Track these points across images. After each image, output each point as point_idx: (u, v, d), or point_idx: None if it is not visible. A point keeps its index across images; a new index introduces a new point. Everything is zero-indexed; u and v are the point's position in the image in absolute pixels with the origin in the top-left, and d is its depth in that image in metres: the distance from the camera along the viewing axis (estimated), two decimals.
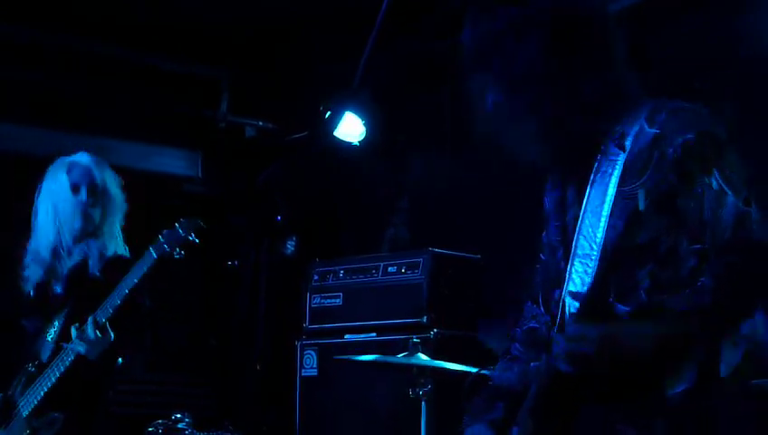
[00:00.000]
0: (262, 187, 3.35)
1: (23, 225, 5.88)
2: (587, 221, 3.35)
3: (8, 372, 5.60)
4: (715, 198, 3.18)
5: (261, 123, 8.67)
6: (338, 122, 4.65)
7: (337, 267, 7.30)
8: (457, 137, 8.03)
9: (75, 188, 5.60)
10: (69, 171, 5.64)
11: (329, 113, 7.36)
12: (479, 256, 7.35)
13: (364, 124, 7.88)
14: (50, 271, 5.66)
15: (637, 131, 3.32)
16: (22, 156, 7.98)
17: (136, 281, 5.26)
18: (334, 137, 7.48)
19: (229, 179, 8.68)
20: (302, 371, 7.33)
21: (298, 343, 7.36)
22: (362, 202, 8.64)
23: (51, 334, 5.54)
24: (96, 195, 5.62)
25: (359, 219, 8.68)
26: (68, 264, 5.64)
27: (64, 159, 5.75)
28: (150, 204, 5.95)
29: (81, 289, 5.57)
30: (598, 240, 3.30)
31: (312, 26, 7.52)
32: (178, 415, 7.18)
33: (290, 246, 3.58)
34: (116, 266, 5.57)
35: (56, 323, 5.54)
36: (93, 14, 7.33)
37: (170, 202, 6.19)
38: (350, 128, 7.78)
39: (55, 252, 5.63)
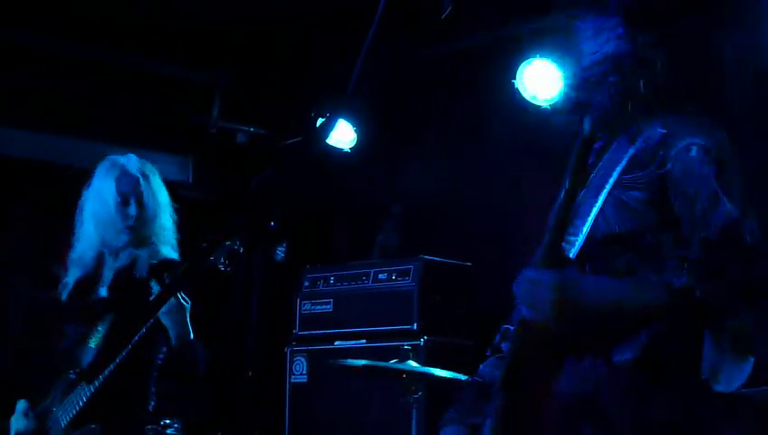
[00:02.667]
0: (254, 192, 3.35)
1: (14, 225, 5.87)
2: (587, 203, 3.40)
3: (48, 378, 5.53)
4: (709, 200, 3.20)
5: (252, 129, 8.68)
6: (330, 130, 4.64)
7: (327, 273, 7.32)
8: (450, 144, 8.06)
9: (124, 201, 5.47)
10: (118, 181, 5.49)
11: (321, 120, 7.38)
12: (470, 263, 7.37)
13: (356, 131, 7.90)
14: (93, 275, 5.57)
15: (650, 131, 3.37)
16: (12, 159, 8.01)
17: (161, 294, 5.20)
18: (326, 143, 7.50)
19: (221, 185, 8.68)
20: (292, 377, 7.34)
21: (288, 350, 7.37)
22: (354, 208, 8.65)
23: (94, 340, 5.43)
24: (144, 208, 5.52)
25: (351, 225, 8.70)
26: (114, 266, 5.57)
27: (115, 160, 5.61)
28: None
29: (126, 294, 5.47)
30: (588, 222, 3.35)
31: (305, 32, 7.53)
32: (167, 421, 7.19)
33: (280, 251, 3.57)
34: (164, 270, 5.47)
35: (100, 329, 5.44)
36: (84, 17, 7.33)
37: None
38: (342, 135, 7.80)
39: (99, 258, 5.56)
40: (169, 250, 5.62)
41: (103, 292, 5.59)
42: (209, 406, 7.53)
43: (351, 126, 7.80)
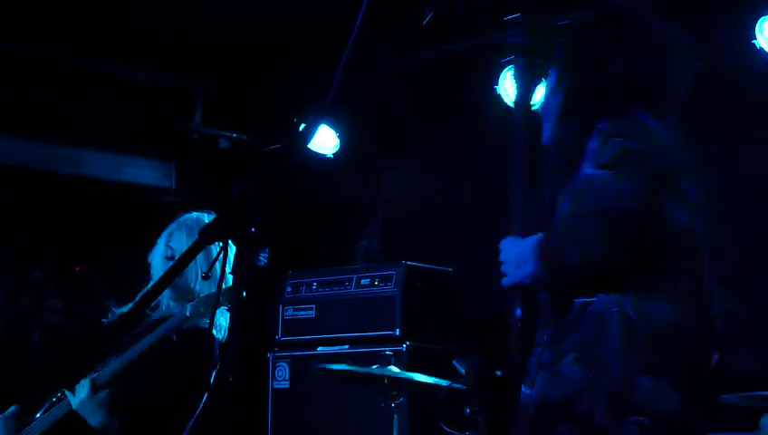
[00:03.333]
0: (235, 198, 3.36)
1: None
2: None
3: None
4: None
5: (235, 135, 8.69)
6: (312, 135, 4.66)
7: (310, 279, 7.32)
8: (432, 150, 8.07)
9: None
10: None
11: (303, 126, 7.39)
12: (451, 269, 7.38)
13: (338, 137, 7.91)
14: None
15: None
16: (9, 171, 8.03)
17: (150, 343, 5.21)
18: (308, 149, 7.50)
19: (204, 191, 8.68)
20: (274, 383, 7.34)
21: (270, 356, 7.37)
22: (336, 214, 8.65)
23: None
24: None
25: (333, 231, 8.70)
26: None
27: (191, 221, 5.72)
28: (125, 215, 5.94)
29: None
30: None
31: (286, 40, 7.53)
32: None
33: (263, 257, 3.57)
34: None
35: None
36: (65, 23, 7.32)
37: (144, 213, 6.19)
38: (325, 140, 7.81)
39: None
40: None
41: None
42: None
43: (334, 132, 7.81)
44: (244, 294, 3.46)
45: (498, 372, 3.50)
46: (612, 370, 3.17)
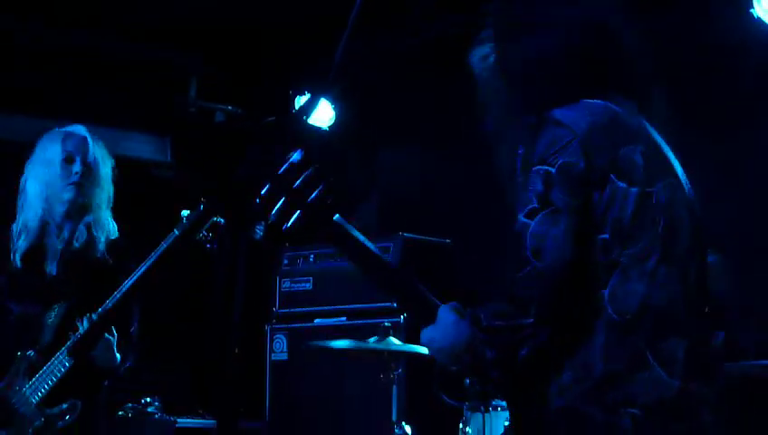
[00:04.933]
0: (238, 171, 3.33)
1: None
2: None
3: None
4: None
5: (230, 108, 8.69)
6: (313, 109, 4.64)
7: (307, 252, 7.34)
8: (427, 128, 8.07)
9: (69, 159, 5.44)
10: (64, 141, 5.49)
11: (304, 99, 7.37)
12: (449, 240, 7.39)
13: (334, 109, 7.92)
14: (39, 246, 5.50)
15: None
16: (6, 144, 8.02)
17: (152, 260, 5.22)
18: (306, 122, 7.51)
19: (199, 163, 8.72)
20: (272, 355, 7.37)
21: (268, 328, 7.39)
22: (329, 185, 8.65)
23: (50, 318, 5.37)
24: (89, 167, 5.47)
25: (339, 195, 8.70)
26: (59, 242, 5.50)
27: (59, 129, 5.61)
28: (121, 188, 5.93)
29: (85, 273, 5.46)
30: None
31: (279, 15, 7.52)
32: (148, 399, 7.22)
33: (258, 230, 3.57)
34: (122, 250, 5.53)
35: (56, 308, 5.38)
36: (65, 2, 7.31)
37: (140, 186, 6.21)
38: (321, 113, 7.81)
39: (44, 225, 5.48)
40: (112, 225, 5.59)
41: (53, 270, 5.53)
42: (188, 384, 7.56)
43: (330, 104, 7.81)
44: (241, 266, 3.44)
45: None
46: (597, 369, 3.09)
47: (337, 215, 3.35)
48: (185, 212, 5.20)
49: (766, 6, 6.01)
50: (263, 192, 3.28)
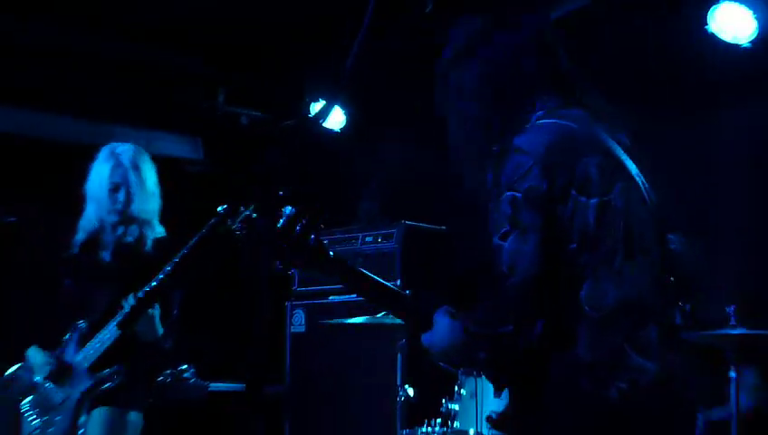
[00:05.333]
0: (264, 167, 3.35)
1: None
2: None
3: (53, 328, 5.54)
4: None
5: (254, 112, 8.69)
6: (328, 114, 4.64)
7: (322, 237, 7.33)
8: (424, 124, 8.05)
9: (115, 189, 5.57)
10: (112, 170, 5.60)
11: (319, 105, 7.35)
12: (444, 227, 7.40)
13: (345, 114, 7.91)
14: (96, 238, 5.63)
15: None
16: (47, 140, 8.07)
17: (189, 247, 5.26)
18: (318, 124, 7.50)
19: (227, 161, 8.71)
20: (292, 328, 7.40)
21: (288, 304, 7.41)
22: (341, 181, 8.63)
23: (101, 297, 5.48)
24: (131, 197, 5.58)
25: (338, 196, 8.70)
26: (113, 237, 5.61)
27: (112, 149, 5.71)
28: (161, 183, 5.96)
29: (133, 262, 5.53)
30: None
31: (296, 30, 7.49)
32: (185, 366, 7.22)
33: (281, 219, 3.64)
34: (166, 245, 5.57)
35: (106, 288, 5.48)
36: (111, 16, 7.32)
37: (176, 181, 6.22)
38: (334, 118, 7.80)
39: (101, 226, 5.62)
40: (160, 228, 5.70)
41: (107, 256, 5.64)
42: (219, 353, 7.57)
43: (342, 110, 7.80)
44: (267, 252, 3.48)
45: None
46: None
47: (332, 253, 3.52)
48: (220, 208, 5.21)
49: (719, 24, 6.01)
50: (274, 198, 3.37)
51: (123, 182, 5.60)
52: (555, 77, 3.35)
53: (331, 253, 3.51)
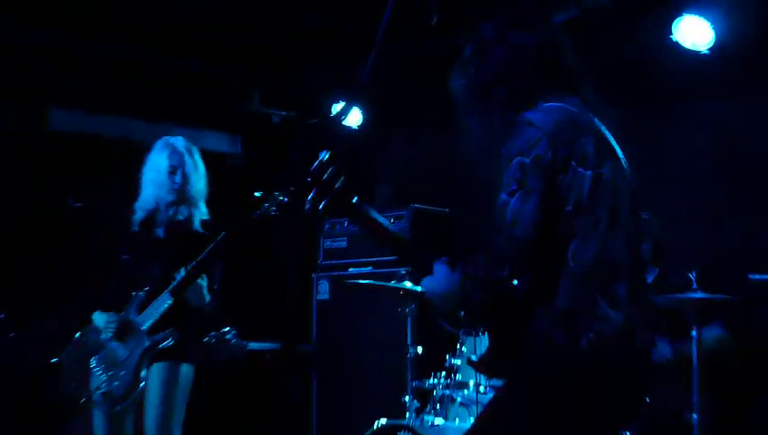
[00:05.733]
0: (293, 158, 3.42)
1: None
2: None
3: (115, 296, 5.55)
4: None
5: (284, 113, 8.71)
6: (347, 114, 4.69)
7: (343, 218, 7.37)
8: (431, 121, 8.05)
9: (173, 171, 5.57)
10: (170, 155, 5.60)
11: (339, 106, 7.36)
12: (447, 210, 7.45)
13: (362, 114, 7.91)
14: (152, 218, 5.63)
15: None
16: (110, 138, 8.09)
17: (229, 230, 5.30)
18: (339, 121, 7.50)
19: (261, 154, 8.72)
20: (318, 296, 7.42)
21: (314, 275, 7.45)
22: (359, 171, 8.60)
23: (155, 268, 5.49)
24: (187, 176, 5.60)
25: (356, 183, 8.67)
26: (166, 216, 5.61)
27: (167, 140, 5.71)
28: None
29: (183, 239, 5.55)
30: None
31: (319, 39, 7.49)
32: (227, 328, 7.26)
33: (308, 202, 3.63)
34: (211, 225, 5.61)
35: (160, 262, 5.49)
36: (161, 29, 7.32)
37: (217, 173, 6.23)
38: (352, 117, 7.81)
39: (156, 206, 5.62)
40: (205, 209, 5.70)
41: (160, 233, 5.63)
42: (258, 317, 7.61)
43: (360, 110, 7.81)
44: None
45: None
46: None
47: (356, 197, 3.43)
48: (257, 193, 5.27)
49: (682, 34, 6.01)
50: (301, 185, 3.37)
51: (180, 165, 5.59)
52: (559, 72, 3.39)
53: (356, 199, 3.45)
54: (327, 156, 3.41)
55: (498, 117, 3.34)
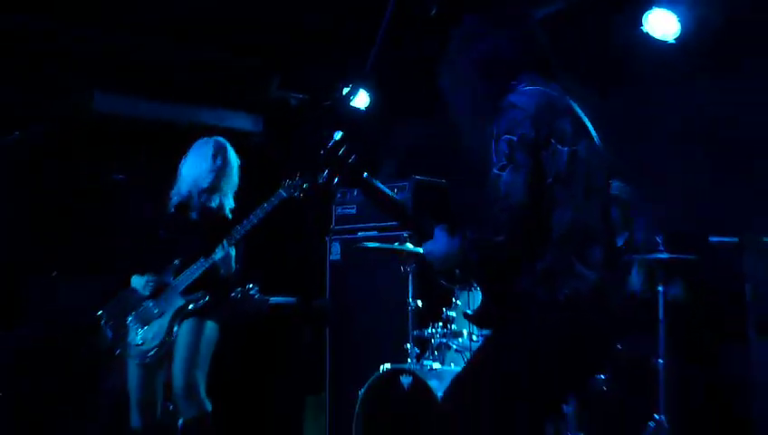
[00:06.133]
0: (304, 138, 3.42)
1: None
2: None
3: (152, 262, 5.60)
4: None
5: (301, 96, 8.69)
6: (354, 96, 4.68)
7: (353, 189, 7.35)
8: (430, 102, 7.99)
9: (215, 157, 5.61)
10: (210, 152, 5.63)
11: (347, 89, 7.33)
12: (444, 181, 7.42)
13: (369, 96, 7.88)
14: (187, 202, 5.66)
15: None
16: (150, 122, 8.07)
17: (262, 214, 5.36)
18: (348, 103, 7.50)
19: (281, 133, 8.71)
20: (330, 256, 7.41)
21: (327, 238, 7.45)
22: (367, 147, 8.56)
23: (188, 244, 5.53)
24: (225, 163, 5.64)
25: (364, 158, 8.61)
26: (199, 201, 5.64)
27: (207, 139, 5.74)
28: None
29: (213, 221, 5.59)
30: None
31: (335, 29, 7.45)
32: (250, 285, 7.27)
33: (322, 177, 3.64)
34: (236, 213, 5.65)
35: (191, 238, 5.55)
36: (193, 21, 7.29)
37: (242, 148, 6.23)
38: (360, 99, 7.78)
39: (191, 192, 5.65)
40: (233, 201, 5.72)
41: (194, 214, 5.65)
42: (278, 275, 7.61)
43: (366, 93, 7.78)
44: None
45: None
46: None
47: (366, 173, 3.47)
48: (284, 182, 5.36)
49: (651, 25, 5.99)
50: (318, 162, 3.38)
51: (218, 160, 5.63)
52: (537, 60, 3.38)
53: (366, 174, 3.49)
54: (340, 136, 3.41)
55: (484, 100, 3.33)
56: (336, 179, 3.45)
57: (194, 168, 5.65)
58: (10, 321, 7.04)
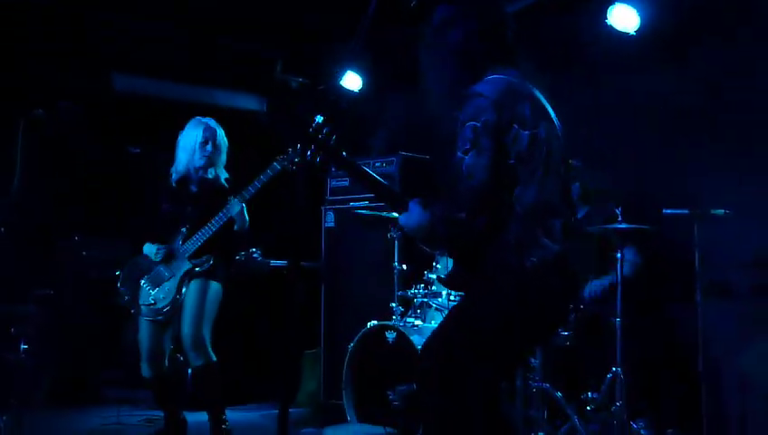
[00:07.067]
0: (301, 116, 3.39)
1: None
2: None
3: (160, 232, 5.58)
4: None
5: (301, 79, 8.64)
6: (342, 76, 4.62)
7: (333, 167, 7.29)
8: (416, 87, 7.95)
9: (205, 142, 5.57)
10: (204, 130, 5.59)
11: (340, 73, 7.27)
12: (428, 157, 7.39)
13: (361, 79, 7.82)
14: (186, 176, 5.63)
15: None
16: (164, 101, 8.04)
17: (265, 179, 5.32)
18: (342, 86, 7.46)
19: (282, 111, 8.67)
20: (325, 224, 7.38)
21: (323, 208, 7.44)
22: (359, 125, 8.52)
23: (192, 214, 5.51)
24: (216, 147, 5.60)
25: (357, 136, 8.61)
26: (197, 176, 5.61)
27: (200, 119, 5.68)
28: (237, 127, 5.97)
29: (211, 191, 5.58)
30: None
31: (330, 15, 7.38)
32: (253, 249, 7.27)
33: (306, 156, 3.66)
34: (230, 181, 5.64)
35: (194, 208, 5.53)
36: (206, 10, 7.25)
37: (247, 125, 6.21)
38: (353, 81, 7.71)
39: (188, 168, 5.63)
40: (223, 169, 5.69)
41: (193, 187, 5.62)
42: (276, 240, 7.61)
43: (359, 75, 7.72)
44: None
45: None
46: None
47: (344, 153, 3.45)
48: (279, 157, 5.31)
49: (614, 18, 5.95)
50: (300, 143, 3.37)
51: (211, 138, 5.60)
52: (502, 50, 3.34)
53: (345, 153, 3.46)
54: (321, 119, 3.40)
55: (454, 86, 3.29)
56: (318, 159, 3.41)
57: (188, 149, 5.61)
58: (46, 278, 7.06)
